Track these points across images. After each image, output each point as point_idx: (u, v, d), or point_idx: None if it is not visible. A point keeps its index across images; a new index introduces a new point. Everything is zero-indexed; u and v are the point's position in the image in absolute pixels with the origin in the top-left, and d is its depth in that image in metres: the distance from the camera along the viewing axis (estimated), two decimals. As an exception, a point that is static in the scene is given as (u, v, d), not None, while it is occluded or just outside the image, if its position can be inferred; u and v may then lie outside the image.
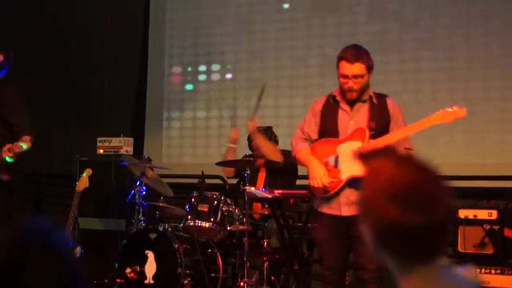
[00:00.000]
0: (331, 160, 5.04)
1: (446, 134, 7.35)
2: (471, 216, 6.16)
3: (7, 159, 5.27)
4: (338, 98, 5.10)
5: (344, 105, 5.07)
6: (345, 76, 4.95)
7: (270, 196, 5.44)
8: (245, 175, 6.24)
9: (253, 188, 5.82)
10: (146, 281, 6.47)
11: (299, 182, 6.64)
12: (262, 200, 6.14)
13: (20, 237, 1.73)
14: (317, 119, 5.16)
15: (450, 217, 1.87)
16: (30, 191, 9.39)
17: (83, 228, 7.35)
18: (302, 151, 5.17)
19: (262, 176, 6.86)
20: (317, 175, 4.98)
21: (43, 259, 1.69)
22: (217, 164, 6.60)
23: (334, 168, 5.01)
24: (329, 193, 4.99)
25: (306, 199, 6.12)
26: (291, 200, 6.70)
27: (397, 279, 1.89)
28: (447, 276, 1.87)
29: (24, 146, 5.31)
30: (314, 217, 5.28)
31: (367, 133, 4.93)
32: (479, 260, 6.07)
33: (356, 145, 4.95)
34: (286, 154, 6.53)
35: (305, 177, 5.23)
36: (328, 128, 5.08)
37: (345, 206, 4.93)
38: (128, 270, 6.53)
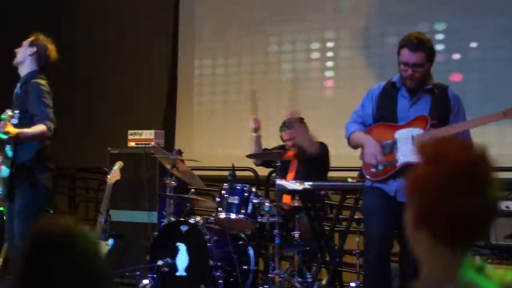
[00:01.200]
0: (388, 144, 5.05)
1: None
2: (503, 207, 6.21)
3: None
4: (398, 85, 5.11)
5: (404, 92, 5.08)
6: (406, 64, 4.98)
7: (300, 188, 5.53)
8: (276, 166, 6.35)
9: (283, 180, 5.92)
10: (178, 273, 6.59)
11: (330, 174, 6.75)
12: (292, 192, 6.24)
13: (41, 235, 1.83)
14: (374, 104, 5.18)
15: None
16: (63, 184, 9.61)
17: (115, 221, 7.53)
18: (357, 132, 5.19)
19: (293, 168, 6.96)
20: (373, 151, 5.02)
21: (63, 257, 1.78)
22: (247, 156, 6.73)
23: (390, 153, 5.02)
24: (381, 177, 5.03)
25: (337, 191, 6.21)
26: (322, 192, 6.80)
27: (423, 263, 1.93)
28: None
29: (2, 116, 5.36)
30: (365, 192, 5.24)
31: (429, 122, 4.92)
32: (511, 252, 6.12)
33: (416, 132, 4.94)
34: (319, 145, 6.64)
35: (337, 169, 5.30)
36: (386, 114, 5.09)
37: (399, 192, 4.91)
38: (159, 262, 6.67)
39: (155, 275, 6.66)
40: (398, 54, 5.02)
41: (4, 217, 5.75)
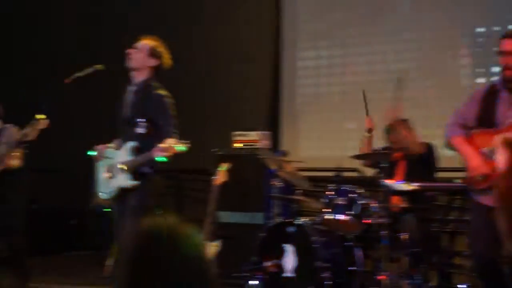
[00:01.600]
0: (487, 151, 5.00)
1: None
2: None
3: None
4: (498, 86, 5.05)
5: (504, 93, 5.02)
6: (505, 53, 4.90)
7: (407, 189, 5.51)
8: (383, 166, 6.35)
9: (390, 181, 5.91)
10: (285, 274, 6.66)
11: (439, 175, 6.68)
12: (400, 193, 6.22)
13: (147, 233, 1.89)
14: (476, 106, 5.13)
15: None
16: (171, 186, 9.82)
17: (222, 222, 7.65)
18: (459, 138, 5.16)
19: (400, 168, 6.92)
20: (475, 165, 4.98)
21: (168, 256, 1.84)
22: (354, 157, 6.74)
23: (490, 160, 4.95)
24: (483, 186, 4.99)
25: (445, 192, 6.15)
26: (429, 193, 6.74)
27: None
28: None
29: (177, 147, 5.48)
30: (471, 206, 5.24)
31: None
32: None
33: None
34: (426, 146, 6.58)
35: (444, 169, 5.26)
36: (486, 117, 5.05)
37: None
38: (266, 263, 6.75)
39: (262, 276, 6.74)
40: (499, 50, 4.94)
41: (112, 218, 5.93)
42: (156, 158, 5.45)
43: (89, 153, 6.00)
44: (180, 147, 5.39)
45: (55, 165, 10.91)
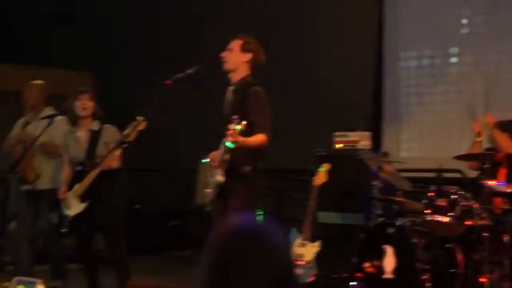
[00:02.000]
0: None
1: None
2: None
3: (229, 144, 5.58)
4: None
5: None
6: None
7: (509, 190, 5.44)
8: (485, 167, 6.28)
9: (493, 182, 5.84)
10: (385, 276, 6.66)
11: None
12: (501, 194, 6.14)
13: (233, 232, 1.91)
14: None
15: None
16: (272, 185, 9.94)
17: (321, 222, 7.72)
18: None
19: (503, 169, 6.82)
20: None
21: (251, 256, 1.85)
22: (455, 158, 6.69)
23: None
24: None
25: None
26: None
27: None
28: None
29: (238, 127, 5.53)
30: None
31: None
32: None
33: None
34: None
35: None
36: None
37: None
38: (366, 264, 6.77)
39: (361, 278, 6.76)
40: None
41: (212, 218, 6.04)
42: (227, 144, 5.53)
43: (203, 160, 6.13)
44: (238, 126, 5.45)
45: (159, 166, 11.19)
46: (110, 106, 11.20)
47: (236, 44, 6.01)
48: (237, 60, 5.97)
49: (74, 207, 6.68)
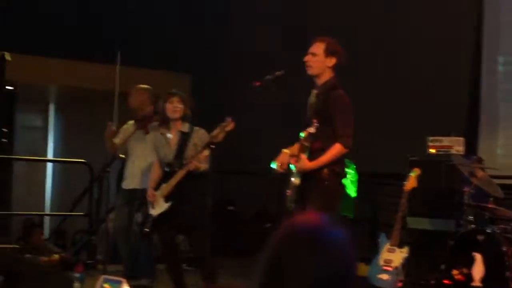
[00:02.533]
0: None
1: None
2: None
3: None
4: None
5: None
6: None
7: None
8: None
9: None
10: (473, 284, 6.60)
11: None
12: None
13: (290, 232, 1.93)
14: None
15: None
16: (364, 190, 9.92)
17: (411, 228, 7.68)
18: None
19: None
20: None
21: (308, 252, 1.86)
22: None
23: None
24: None
25: None
26: None
27: None
28: None
29: None
30: None
31: None
32: None
33: None
34: None
35: None
36: None
37: None
38: (455, 271, 6.72)
39: (450, 285, 6.71)
40: None
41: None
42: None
43: (272, 165, 6.18)
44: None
45: (254, 168, 11.31)
46: (206, 107, 11.49)
47: (319, 48, 5.99)
48: (321, 65, 5.98)
49: (158, 207, 6.84)
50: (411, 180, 7.47)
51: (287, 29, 11.08)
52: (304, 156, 5.73)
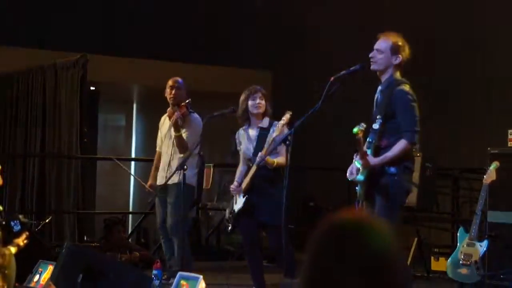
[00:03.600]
0: None
1: None
2: None
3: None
4: None
5: None
6: None
7: None
8: None
9: None
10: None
11: None
12: None
13: (332, 226, 1.94)
14: None
15: None
16: (447, 185, 9.89)
17: (491, 222, 7.62)
18: None
19: None
20: None
21: (351, 249, 1.88)
22: None
23: None
24: None
25: None
26: None
27: None
28: None
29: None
30: None
31: None
32: None
33: None
34: None
35: None
36: None
37: None
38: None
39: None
40: None
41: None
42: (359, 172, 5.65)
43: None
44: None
45: (334, 164, 11.36)
46: (286, 103, 11.56)
47: (386, 45, 5.96)
48: (387, 63, 5.94)
49: (239, 203, 6.99)
50: (491, 173, 7.43)
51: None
52: (367, 153, 5.74)
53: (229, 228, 7.12)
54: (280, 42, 12.75)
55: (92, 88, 12.22)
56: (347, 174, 5.90)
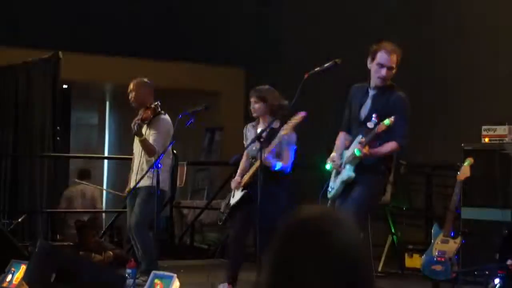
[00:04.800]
0: None
1: None
2: None
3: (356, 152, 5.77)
4: None
5: None
6: None
7: None
8: None
9: None
10: (528, 274, 6.55)
11: None
12: None
13: (297, 220, 1.91)
14: None
15: None
16: (420, 181, 9.92)
17: (466, 218, 7.65)
18: None
19: None
20: None
21: (314, 243, 1.85)
22: None
23: None
24: None
25: None
26: None
27: None
28: None
29: None
30: None
31: None
32: None
33: None
34: None
35: None
36: None
37: None
38: (509, 261, 6.67)
39: (504, 275, 6.68)
40: None
41: None
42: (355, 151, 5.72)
43: (326, 167, 6.21)
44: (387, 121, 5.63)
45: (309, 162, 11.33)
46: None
47: (395, 61, 6.08)
48: (391, 76, 6.10)
49: (236, 196, 7.00)
50: (465, 170, 7.44)
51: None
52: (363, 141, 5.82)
53: (223, 219, 7.08)
54: (254, 39, 12.71)
55: (64, 86, 12.11)
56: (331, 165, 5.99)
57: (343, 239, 1.86)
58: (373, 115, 5.95)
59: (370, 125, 5.93)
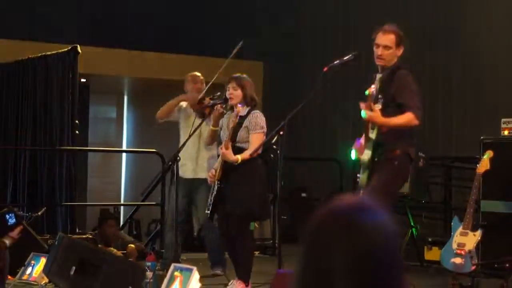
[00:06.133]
0: None
1: None
2: None
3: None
4: None
5: None
6: None
7: None
8: None
9: None
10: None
11: None
12: None
13: (327, 212, 1.92)
14: None
15: None
16: (438, 174, 9.89)
17: (485, 211, 7.63)
18: None
19: None
20: None
21: (345, 234, 1.85)
22: None
23: None
24: None
25: None
26: None
27: None
28: None
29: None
30: None
31: None
32: None
33: None
34: None
35: None
36: None
37: None
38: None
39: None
40: None
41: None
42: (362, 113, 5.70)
43: (352, 157, 6.20)
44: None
45: (327, 154, 11.35)
46: (279, 93, 11.54)
47: (392, 40, 6.04)
48: (393, 56, 6.07)
49: (214, 190, 6.93)
50: (484, 163, 7.42)
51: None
52: (377, 109, 5.79)
53: (208, 214, 7.04)
54: (272, 32, 12.70)
55: (82, 80, 12.16)
56: (355, 153, 5.99)
57: (372, 230, 1.88)
58: (379, 96, 5.96)
59: (377, 106, 5.91)
